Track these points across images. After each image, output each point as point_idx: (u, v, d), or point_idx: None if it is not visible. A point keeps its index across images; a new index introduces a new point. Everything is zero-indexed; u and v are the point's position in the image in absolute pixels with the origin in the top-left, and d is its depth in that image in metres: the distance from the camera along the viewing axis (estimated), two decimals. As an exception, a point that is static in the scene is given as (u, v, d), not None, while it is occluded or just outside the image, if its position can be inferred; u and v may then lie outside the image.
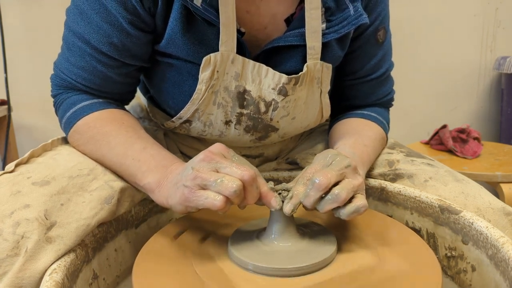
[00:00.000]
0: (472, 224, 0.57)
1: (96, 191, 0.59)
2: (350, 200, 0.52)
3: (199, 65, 0.66)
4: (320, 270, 0.51)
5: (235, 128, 0.73)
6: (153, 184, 0.60)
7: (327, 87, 0.74)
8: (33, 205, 0.53)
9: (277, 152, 0.87)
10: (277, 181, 0.80)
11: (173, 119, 0.74)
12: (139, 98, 0.92)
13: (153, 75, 0.76)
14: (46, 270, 0.50)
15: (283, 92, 0.69)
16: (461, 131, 1.61)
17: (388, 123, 0.85)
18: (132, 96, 0.79)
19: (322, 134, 0.90)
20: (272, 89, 0.69)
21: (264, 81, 0.69)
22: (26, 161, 0.63)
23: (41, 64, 1.80)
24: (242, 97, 0.70)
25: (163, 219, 0.72)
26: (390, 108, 0.88)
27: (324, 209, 0.52)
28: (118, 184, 0.62)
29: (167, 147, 0.79)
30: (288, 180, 0.79)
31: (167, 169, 0.60)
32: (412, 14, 1.88)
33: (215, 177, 0.50)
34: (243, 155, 0.83)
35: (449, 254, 0.63)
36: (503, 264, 0.51)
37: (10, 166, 0.60)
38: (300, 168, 0.82)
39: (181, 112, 0.72)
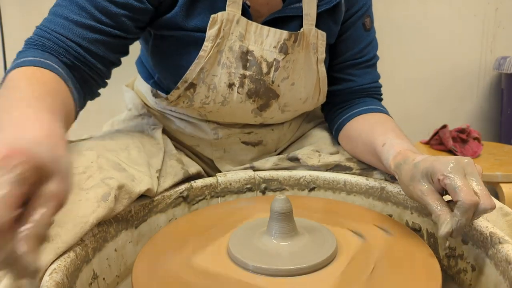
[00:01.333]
0: (472, 224, 0.57)
1: (92, 189, 0.59)
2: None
3: (205, 32, 0.71)
4: (320, 270, 0.51)
5: (238, 92, 0.76)
6: None
7: (322, 54, 0.80)
8: None
9: (276, 140, 0.88)
10: (277, 181, 0.80)
11: (178, 84, 0.76)
12: (139, 95, 0.93)
13: (160, 52, 0.78)
14: (46, 269, 0.50)
15: (284, 49, 0.75)
16: (461, 131, 1.61)
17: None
18: (97, 88, 0.73)
19: (323, 131, 0.91)
20: (273, 47, 0.75)
21: (266, 41, 0.74)
22: None
23: (41, 64, 1.80)
24: (245, 57, 0.74)
25: (163, 219, 0.72)
26: (390, 108, 0.89)
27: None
28: (114, 181, 0.61)
29: (164, 146, 0.79)
30: (288, 181, 0.79)
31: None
32: (412, 14, 1.88)
33: None
34: (242, 142, 0.84)
35: (449, 254, 0.63)
36: (503, 264, 0.51)
37: None
38: (302, 165, 0.81)
39: (186, 73, 0.74)
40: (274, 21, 0.77)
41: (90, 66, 0.68)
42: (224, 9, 0.72)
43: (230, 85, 0.76)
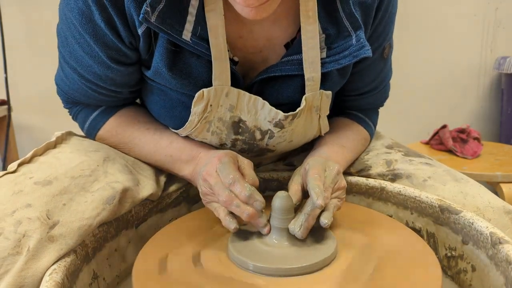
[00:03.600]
0: (472, 224, 0.57)
1: (98, 191, 0.59)
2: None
3: (190, 94, 0.65)
4: (320, 270, 0.51)
5: (230, 148, 0.72)
6: (188, 176, 0.69)
7: (326, 112, 0.72)
8: (34, 205, 0.53)
9: (277, 156, 0.86)
10: (277, 181, 0.80)
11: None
12: None
13: (144, 95, 0.75)
14: (46, 270, 0.50)
15: (279, 125, 0.68)
16: (461, 131, 1.61)
17: (374, 123, 0.84)
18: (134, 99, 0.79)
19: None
20: (268, 121, 0.68)
21: (261, 112, 0.67)
22: (29, 161, 0.63)
23: (41, 64, 1.79)
24: (237, 125, 0.68)
25: (163, 219, 0.72)
26: (390, 109, 0.88)
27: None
28: (119, 185, 0.62)
29: None
30: (288, 181, 0.79)
31: (195, 159, 0.68)
32: (412, 14, 1.88)
33: (213, 201, 0.60)
34: (244, 155, 0.83)
35: (449, 254, 0.63)
36: (503, 264, 0.51)
37: (12, 166, 0.60)
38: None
39: (178, 131, 0.70)
40: (272, 78, 0.67)
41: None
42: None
43: (222, 145, 0.72)
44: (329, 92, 0.69)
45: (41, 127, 1.85)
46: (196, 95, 0.64)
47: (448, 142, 1.59)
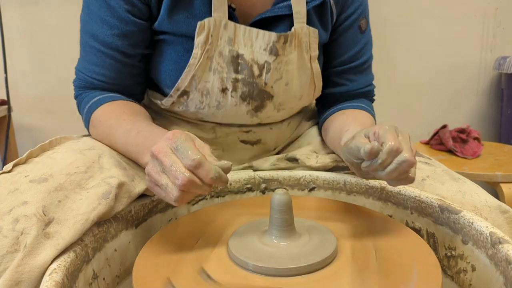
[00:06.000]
0: (472, 224, 0.57)
1: (93, 188, 0.59)
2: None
3: (193, 38, 0.72)
4: (320, 270, 0.51)
5: (231, 96, 0.76)
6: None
7: (315, 51, 0.80)
8: (31, 202, 0.54)
9: (274, 139, 0.88)
10: (277, 181, 0.80)
11: (171, 92, 0.78)
12: None
13: (152, 57, 0.81)
14: (46, 266, 0.50)
15: (274, 51, 0.74)
16: (461, 131, 1.61)
17: (373, 112, 0.89)
18: (142, 92, 0.86)
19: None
20: (263, 50, 0.74)
21: (256, 43, 0.74)
22: (24, 161, 0.63)
23: (41, 64, 1.80)
24: (236, 61, 0.74)
25: (163, 219, 0.72)
26: (390, 108, 0.90)
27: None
28: (115, 180, 0.62)
29: None
30: (288, 181, 0.79)
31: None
32: (412, 13, 1.88)
33: (161, 181, 0.52)
34: (241, 141, 0.84)
35: (449, 254, 0.63)
36: (503, 264, 0.51)
37: (8, 167, 0.61)
38: (300, 164, 0.82)
39: (178, 81, 0.75)
40: (263, 22, 0.76)
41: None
42: (207, 15, 0.72)
43: (223, 90, 0.76)
44: (316, 29, 0.78)
45: (41, 127, 1.85)
46: (198, 24, 0.72)
47: (448, 142, 1.59)
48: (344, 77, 0.88)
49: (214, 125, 0.84)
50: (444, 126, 1.65)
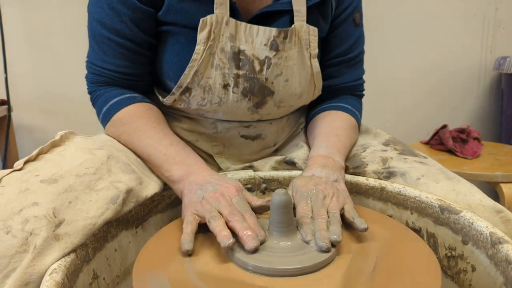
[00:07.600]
0: (472, 224, 0.57)
1: (102, 190, 0.60)
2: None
3: (196, 30, 0.73)
4: (320, 270, 0.51)
5: (233, 92, 0.77)
6: (175, 177, 0.68)
7: (315, 50, 0.81)
8: (41, 203, 0.54)
9: (274, 134, 0.88)
10: (277, 181, 0.80)
11: (173, 90, 0.78)
12: None
13: (158, 53, 0.81)
14: (47, 268, 0.50)
15: (274, 46, 0.76)
16: (461, 131, 1.61)
17: (359, 112, 0.92)
18: (152, 82, 0.85)
19: None
20: (264, 45, 0.75)
21: (256, 39, 0.75)
22: (35, 158, 0.63)
23: (41, 64, 1.80)
24: (237, 57, 0.75)
25: (163, 219, 0.72)
26: (390, 108, 0.90)
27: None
28: (123, 185, 0.63)
29: None
30: (288, 181, 0.79)
31: (189, 168, 0.69)
32: (412, 13, 1.88)
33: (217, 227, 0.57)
34: (242, 136, 0.84)
35: (449, 254, 0.63)
36: (503, 264, 0.51)
37: (19, 164, 0.61)
38: (297, 168, 0.82)
39: (181, 77, 0.75)
40: (264, 17, 0.77)
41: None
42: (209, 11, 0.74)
43: (225, 86, 0.77)
44: (315, 28, 0.80)
45: (41, 127, 1.85)
46: (201, 21, 0.72)
47: (448, 142, 1.59)
48: (335, 70, 0.89)
49: (214, 120, 0.84)
50: (444, 126, 1.65)
